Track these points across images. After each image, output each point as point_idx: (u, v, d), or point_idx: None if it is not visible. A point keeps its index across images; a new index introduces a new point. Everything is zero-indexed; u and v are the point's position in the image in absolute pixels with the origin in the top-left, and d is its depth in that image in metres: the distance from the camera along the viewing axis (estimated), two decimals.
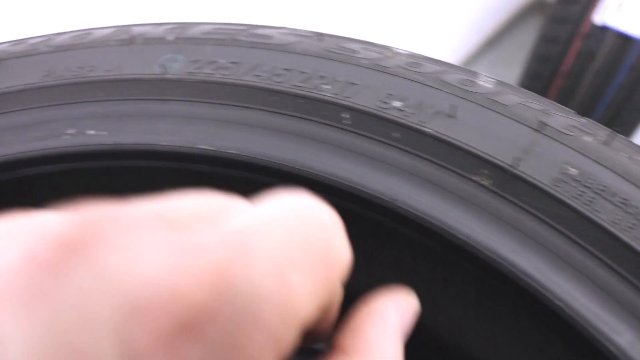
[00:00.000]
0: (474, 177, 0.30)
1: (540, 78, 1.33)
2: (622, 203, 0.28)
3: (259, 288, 0.15)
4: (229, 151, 0.34)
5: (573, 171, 0.29)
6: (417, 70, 0.34)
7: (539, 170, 0.29)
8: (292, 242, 0.16)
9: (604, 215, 0.28)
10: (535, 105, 0.32)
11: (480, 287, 0.31)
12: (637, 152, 0.31)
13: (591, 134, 0.31)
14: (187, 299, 0.13)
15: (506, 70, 1.85)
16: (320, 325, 0.20)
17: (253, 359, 0.14)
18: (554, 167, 0.29)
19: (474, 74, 0.34)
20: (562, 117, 0.32)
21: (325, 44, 0.36)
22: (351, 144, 0.32)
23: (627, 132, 1.34)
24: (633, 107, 1.27)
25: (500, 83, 0.34)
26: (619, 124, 1.31)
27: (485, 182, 0.30)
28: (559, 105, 0.33)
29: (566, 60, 1.28)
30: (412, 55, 0.36)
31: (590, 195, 0.28)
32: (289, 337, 0.15)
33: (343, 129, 0.32)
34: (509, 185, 0.29)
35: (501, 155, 0.30)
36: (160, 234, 0.15)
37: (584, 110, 1.32)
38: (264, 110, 0.34)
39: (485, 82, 0.34)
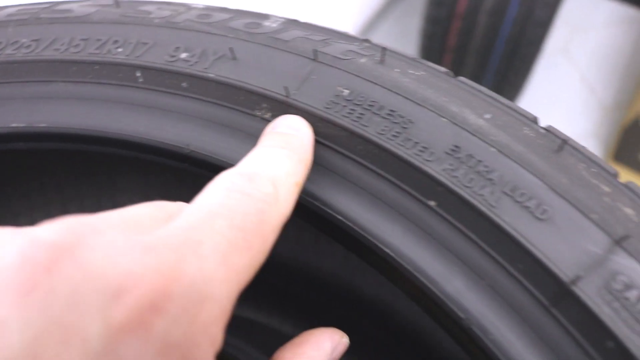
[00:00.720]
0: (256, 113, 0.31)
1: (439, 22, 1.36)
2: (389, 114, 0.30)
3: (207, 270, 0.19)
4: (40, 125, 0.34)
5: (345, 92, 0.31)
6: (205, 22, 0.35)
7: (312, 96, 0.31)
8: (231, 229, 0.21)
9: (371, 128, 0.29)
10: (317, 36, 0.34)
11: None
12: (412, 66, 0.33)
13: (367, 55, 0.33)
14: (153, 284, 0.17)
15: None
16: None
17: (206, 326, 0.18)
18: (327, 92, 0.31)
19: (264, 16, 0.36)
20: (341, 44, 0.33)
21: (122, 10, 0.37)
22: (146, 100, 0.33)
23: (527, 63, 1.38)
24: (528, 39, 1.31)
25: (288, 21, 0.35)
26: (519, 56, 1.36)
27: (266, 116, 0.31)
28: (345, 33, 0.35)
29: (460, 2, 1.31)
30: (206, 8, 0.37)
31: (360, 111, 0.30)
32: (232, 304, 0.20)
33: (138, 87, 0.33)
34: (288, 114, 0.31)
35: (277, 88, 0.31)
36: (127, 235, 0.19)
37: (485, 48, 1.36)
38: (66, 81, 0.35)
39: (271, 23, 0.35)
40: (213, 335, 0.19)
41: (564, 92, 1.83)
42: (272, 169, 0.25)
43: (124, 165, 0.43)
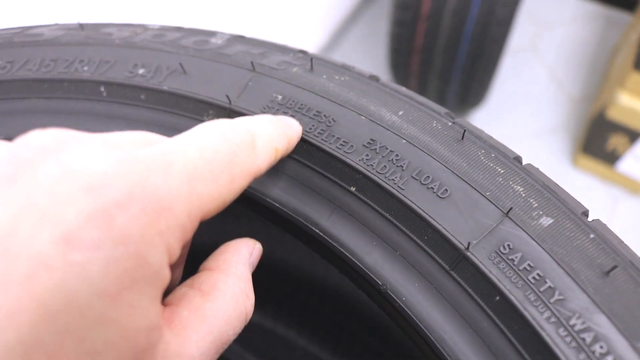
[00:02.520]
0: (205, 118, 0.36)
1: (405, 24, 1.41)
2: (316, 115, 0.35)
3: (171, 186, 0.21)
4: (13, 138, 0.39)
5: (279, 97, 0.36)
6: (159, 40, 0.40)
7: (251, 102, 0.36)
8: (201, 159, 0.23)
9: (301, 126, 0.34)
10: (256, 50, 0.39)
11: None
12: (338, 72, 0.38)
13: (299, 65, 0.38)
14: (120, 186, 0.20)
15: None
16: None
17: (162, 231, 0.21)
18: (264, 98, 0.36)
19: (211, 34, 0.41)
20: (277, 56, 0.38)
21: (86, 32, 0.42)
22: (110, 111, 0.38)
23: (492, 60, 1.44)
24: (492, 38, 1.37)
25: (232, 38, 0.40)
26: (484, 54, 1.41)
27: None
28: (283, 46, 0.40)
29: (424, 4, 1.36)
30: (161, 28, 0.42)
31: (291, 113, 0.35)
32: (192, 226, 0.23)
33: (102, 100, 0.38)
34: (230, 119, 0.36)
35: (221, 96, 0.36)
36: (106, 149, 0.22)
37: (451, 47, 1.42)
38: (38, 97, 0.40)
39: (217, 39, 0.40)
40: (168, 243, 0.21)
41: (533, 87, 1.89)
42: (256, 127, 0.28)
43: None
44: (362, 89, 0.36)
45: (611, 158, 1.65)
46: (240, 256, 0.30)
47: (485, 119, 1.82)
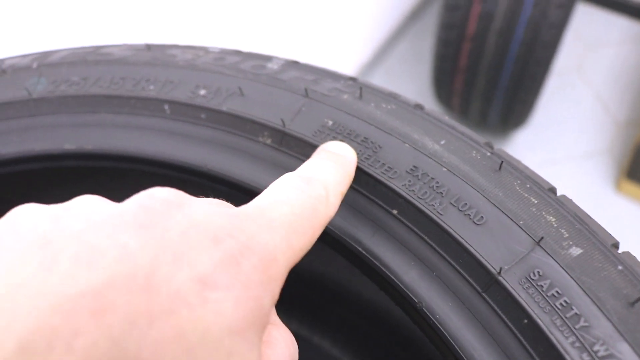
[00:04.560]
0: (260, 139, 0.39)
1: (450, 44, 1.43)
2: (363, 141, 0.37)
3: (275, 240, 0.24)
4: (86, 147, 0.43)
5: (330, 123, 0.38)
6: (220, 64, 0.43)
7: (303, 126, 0.38)
8: (293, 215, 0.26)
9: None
10: (309, 76, 0.42)
11: None
12: (385, 100, 0.40)
13: (349, 92, 0.40)
14: (240, 238, 0.23)
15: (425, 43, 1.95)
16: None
17: (272, 279, 0.23)
18: (316, 123, 0.39)
19: (267, 58, 0.44)
20: (328, 83, 0.41)
21: (152, 53, 0.45)
22: (172, 128, 0.41)
23: (536, 82, 1.44)
24: (536, 59, 1.38)
25: (287, 63, 0.43)
26: (528, 76, 1.42)
27: (268, 141, 0.39)
28: (335, 72, 0.43)
29: (470, 25, 1.38)
30: (222, 52, 0.45)
31: (340, 139, 0.38)
32: (285, 276, 0.25)
33: (166, 118, 0.42)
34: (284, 141, 0.39)
35: (276, 119, 0.39)
36: (214, 205, 0.25)
37: (495, 68, 1.42)
38: (108, 112, 0.43)
39: (273, 65, 0.43)
40: (275, 289, 0.24)
41: (577, 109, 1.87)
42: (325, 176, 0.31)
43: (151, 181, 0.51)
44: (407, 117, 0.39)
45: None
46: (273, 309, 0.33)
47: (528, 140, 1.81)
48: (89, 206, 0.23)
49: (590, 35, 2.09)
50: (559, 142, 1.81)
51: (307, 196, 0.28)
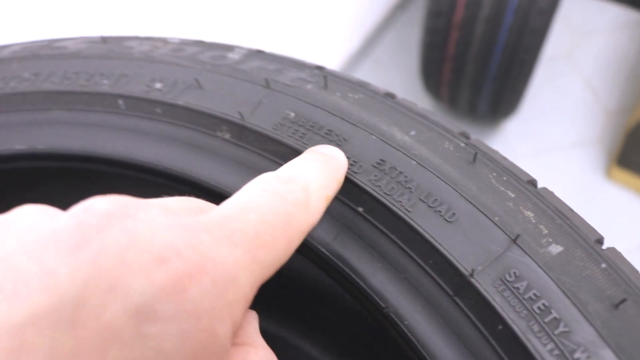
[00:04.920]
0: (217, 134, 0.37)
1: (437, 32, 1.41)
2: (327, 133, 0.35)
3: (236, 256, 0.21)
4: (37, 147, 0.40)
5: (291, 115, 0.36)
6: (178, 55, 0.40)
7: (263, 119, 0.36)
8: (261, 223, 0.23)
9: (311, 144, 0.34)
10: (272, 66, 0.39)
11: None
12: (352, 89, 0.38)
13: (313, 82, 0.38)
14: (190, 257, 0.20)
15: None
16: None
17: (231, 304, 0.20)
18: (277, 115, 0.36)
19: (229, 48, 0.41)
20: (292, 72, 0.38)
21: (108, 46, 0.43)
22: (127, 124, 0.39)
23: (525, 70, 1.42)
24: (525, 47, 1.35)
25: (250, 53, 0.41)
26: (517, 63, 1.39)
27: (226, 136, 0.36)
28: (301, 62, 0.40)
29: (457, 12, 1.35)
30: (181, 42, 0.42)
31: (302, 131, 0.35)
32: (253, 294, 0.22)
33: (120, 113, 0.39)
34: (243, 135, 0.36)
35: (234, 112, 0.36)
36: (168, 216, 0.21)
37: (483, 56, 1.40)
38: (60, 109, 0.41)
39: (234, 55, 0.40)
40: (235, 315, 0.21)
41: (567, 97, 1.85)
42: (307, 178, 0.27)
43: (108, 180, 0.49)
44: (375, 107, 0.36)
45: None
46: (254, 327, 0.30)
47: (518, 129, 1.79)
48: (26, 221, 0.20)
49: (580, 22, 2.06)
50: (549, 131, 1.79)
51: (282, 201, 0.25)
